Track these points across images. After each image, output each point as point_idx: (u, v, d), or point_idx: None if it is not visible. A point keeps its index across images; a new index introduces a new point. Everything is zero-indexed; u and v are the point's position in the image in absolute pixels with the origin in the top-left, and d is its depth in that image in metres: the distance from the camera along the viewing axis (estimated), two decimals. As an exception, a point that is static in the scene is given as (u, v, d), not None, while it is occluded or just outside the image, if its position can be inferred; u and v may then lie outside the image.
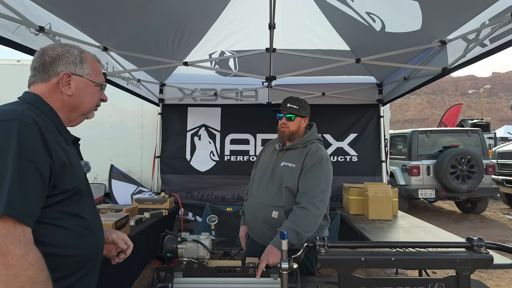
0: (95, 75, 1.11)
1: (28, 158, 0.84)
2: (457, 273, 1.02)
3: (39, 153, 0.87)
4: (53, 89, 1.03)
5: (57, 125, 1.01)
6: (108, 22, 2.35)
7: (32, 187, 0.84)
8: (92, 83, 1.10)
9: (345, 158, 4.11)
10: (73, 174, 0.97)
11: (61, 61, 1.04)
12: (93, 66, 1.11)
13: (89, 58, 1.11)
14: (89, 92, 1.09)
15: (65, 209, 0.95)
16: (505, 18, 1.78)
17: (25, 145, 0.85)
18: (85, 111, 1.10)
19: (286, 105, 2.00)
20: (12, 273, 0.76)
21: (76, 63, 1.06)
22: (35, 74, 1.04)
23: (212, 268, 1.46)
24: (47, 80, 1.03)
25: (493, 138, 12.40)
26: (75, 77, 1.06)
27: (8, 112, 0.89)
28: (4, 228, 0.77)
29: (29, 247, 0.80)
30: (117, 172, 4.25)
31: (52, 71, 1.03)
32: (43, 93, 1.02)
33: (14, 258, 0.76)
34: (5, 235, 0.76)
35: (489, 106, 77.51)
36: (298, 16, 2.73)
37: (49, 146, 0.90)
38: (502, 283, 3.62)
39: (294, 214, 1.79)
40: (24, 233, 0.79)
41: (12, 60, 5.01)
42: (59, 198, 0.93)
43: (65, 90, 1.04)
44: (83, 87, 1.08)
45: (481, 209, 7.17)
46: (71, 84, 1.05)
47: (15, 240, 0.77)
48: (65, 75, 1.04)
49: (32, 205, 0.84)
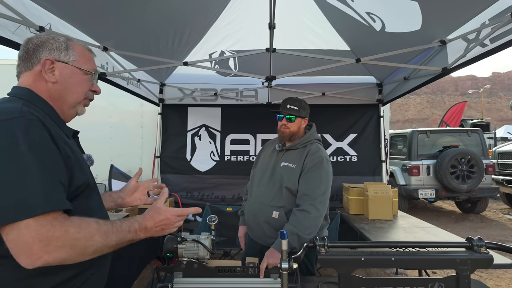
0: (82, 62, 1.05)
1: (43, 153, 0.84)
2: (457, 273, 1.02)
3: (51, 146, 0.87)
4: (37, 77, 0.99)
5: (54, 119, 0.98)
6: (108, 22, 2.35)
7: (54, 178, 0.85)
8: (79, 71, 1.04)
9: (344, 158, 4.11)
10: (80, 169, 0.97)
11: (45, 47, 1.00)
12: (81, 53, 1.06)
13: (76, 45, 1.06)
14: (75, 80, 1.04)
15: (78, 204, 0.95)
16: (505, 18, 1.78)
17: (36, 142, 0.84)
18: (72, 101, 1.05)
19: (286, 106, 2.00)
20: (67, 249, 0.83)
21: (60, 49, 1.02)
22: (20, 63, 1.02)
23: (212, 268, 1.46)
24: (31, 68, 1.00)
25: (493, 138, 12.39)
26: (59, 63, 1.01)
27: (7, 111, 0.86)
28: (35, 222, 0.78)
29: (65, 224, 0.83)
30: (117, 172, 4.25)
31: (35, 58, 0.99)
32: (30, 85, 0.99)
33: (60, 240, 0.81)
34: (38, 227, 0.79)
35: (489, 106, 77.52)
36: (298, 16, 2.73)
37: (56, 141, 0.89)
38: (502, 283, 3.62)
39: (295, 217, 1.79)
40: (55, 217, 0.82)
41: (12, 60, 5.01)
42: (73, 194, 0.93)
43: (48, 77, 0.99)
44: (69, 75, 1.02)
45: (481, 209, 7.17)
46: (55, 71, 1.00)
47: (50, 227, 0.80)
48: (48, 61, 0.99)
49: (60, 194, 0.85)
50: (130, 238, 0.97)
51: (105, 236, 0.90)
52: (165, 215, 1.05)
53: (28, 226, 0.77)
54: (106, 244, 0.90)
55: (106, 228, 0.91)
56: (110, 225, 0.93)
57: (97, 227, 0.89)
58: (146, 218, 1.02)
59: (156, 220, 1.03)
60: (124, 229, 0.96)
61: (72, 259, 0.85)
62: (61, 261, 0.82)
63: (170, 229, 1.06)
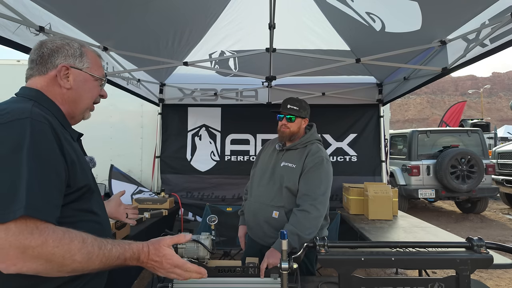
0: (95, 69, 1.08)
1: (44, 158, 0.83)
2: (457, 273, 1.02)
3: (54, 152, 0.86)
4: (51, 82, 1.00)
5: (61, 121, 0.99)
6: (108, 22, 2.35)
7: (49, 186, 0.83)
8: (91, 78, 1.06)
9: (344, 158, 4.12)
10: (82, 171, 0.96)
11: (60, 53, 1.01)
12: (93, 60, 1.08)
13: (89, 52, 1.08)
14: (88, 86, 1.06)
15: (80, 207, 0.95)
16: (505, 18, 1.78)
17: (40, 144, 0.83)
18: (84, 106, 1.07)
19: (286, 106, 2.00)
20: (42, 261, 0.79)
21: (75, 56, 1.03)
22: (32, 66, 1.01)
23: (212, 268, 1.46)
24: (45, 73, 1.00)
25: (493, 138, 12.39)
26: (74, 70, 1.02)
27: (17, 111, 0.86)
28: (15, 227, 0.77)
29: (45, 234, 0.79)
30: (117, 172, 4.25)
31: (50, 64, 1.00)
32: (42, 88, 0.99)
33: (36, 250, 0.78)
34: (17, 233, 0.76)
35: (489, 106, 77.53)
36: (298, 16, 2.73)
37: (62, 144, 0.89)
38: (502, 283, 3.62)
39: (295, 217, 1.79)
40: (36, 226, 0.79)
41: (12, 60, 5.02)
42: (74, 196, 0.92)
43: (63, 83, 1.00)
44: (82, 81, 1.04)
45: (481, 209, 7.17)
46: (69, 77, 1.01)
47: (27, 235, 0.77)
48: (64, 68, 1.00)
49: (50, 203, 0.82)
50: (117, 264, 0.92)
51: (87, 258, 0.85)
52: (162, 260, 0.97)
53: (7, 230, 0.76)
54: (86, 267, 0.85)
55: (91, 250, 0.85)
56: (98, 247, 0.87)
57: (80, 247, 0.83)
58: (143, 251, 0.96)
59: (151, 257, 0.97)
60: (113, 255, 0.90)
61: (46, 272, 0.81)
62: (35, 272, 0.80)
63: (161, 273, 0.99)
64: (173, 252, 0.99)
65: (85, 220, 0.96)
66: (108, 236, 1.08)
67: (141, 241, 0.99)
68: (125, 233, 2.37)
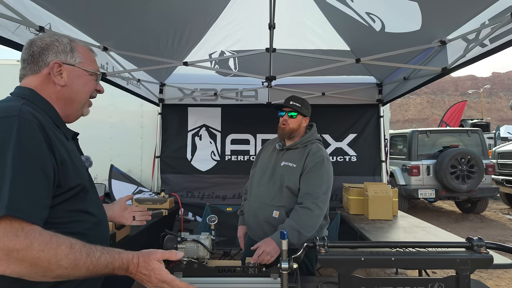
0: (88, 64, 1.06)
1: (30, 156, 0.81)
2: (457, 273, 1.02)
3: (42, 150, 0.84)
4: (45, 81, 0.99)
5: (55, 120, 0.98)
6: (108, 22, 2.35)
7: (35, 185, 0.81)
8: (85, 72, 1.05)
9: (344, 158, 4.12)
10: (76, 171, 0.95)
11: (50, 50, 1.00)
12: (85, 55, 1.06)
13: (80, 46, 1.07)
14: (82, 81, 1.05)
15: (73, 207, 0.93)
16: (505, 18, 1.78)
17: (27, 142, 0.82)
18: (80, 102, 1.06)
19: (289, 102, 2.01)
20: (27, 265, 0.77)
21: (66, 52, 1.01)
22: (24, 66, 1.00)
23: (212, 268, 1.46)
24: (38, 71, 0.99)
25: (493, 138, 12.39)
26: (67, 66, 1.01)
27: (5, 109, 0.86)
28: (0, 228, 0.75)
29: (31, 237, 0.77)
30: (117, 172, 4.25)
31: (42, 62, 0.99)
32: (36, 86, 0.98)
33: (20, 253, 0.76)
34: (1, 235, 0.75)
35: (489, 106, 77.52)
36: (298, 16, 2.73)
37: (51, 142, 0.88)
38: (502, 283, 3.62)
39: (297, 214, 1.79)
40: (22, 227, 0.77)
41: (12, 60, 5.02)
42: (65, 196, 0.91)
43: (57, 80, 0.99)
44: (76, 77, 1.03)
45: (481, 209, 7.18)
46: (63, 74, 1.00)
47: (12, 237, 0.75)
48: (56, 65, 0.99)
49: (35, 203, 0.81)
50: (105, 273, 0.90)
51: (74, 264, 0.83)
52: (151, 274, 0.95)
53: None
54: (72, 273, 0.83)
55: (79, 257, 0.83)
56: (86, 254, 0.85)
57: (67, 252, 0.81)
58: (133, 262, 0.95)
59: (140, 270, 0.95)
60: (101, 263, 0.88)
61: (30, 276, 0.79)
62: (19, 276, 0.78)
63: (148, 286, 0.97)
64: (162, 267, 0.98)
65: (79, 221, 0.95)
66: (105, 237, 1.08)
67: (132, 251, 0.97)
68: (125, 233, 2.37)
